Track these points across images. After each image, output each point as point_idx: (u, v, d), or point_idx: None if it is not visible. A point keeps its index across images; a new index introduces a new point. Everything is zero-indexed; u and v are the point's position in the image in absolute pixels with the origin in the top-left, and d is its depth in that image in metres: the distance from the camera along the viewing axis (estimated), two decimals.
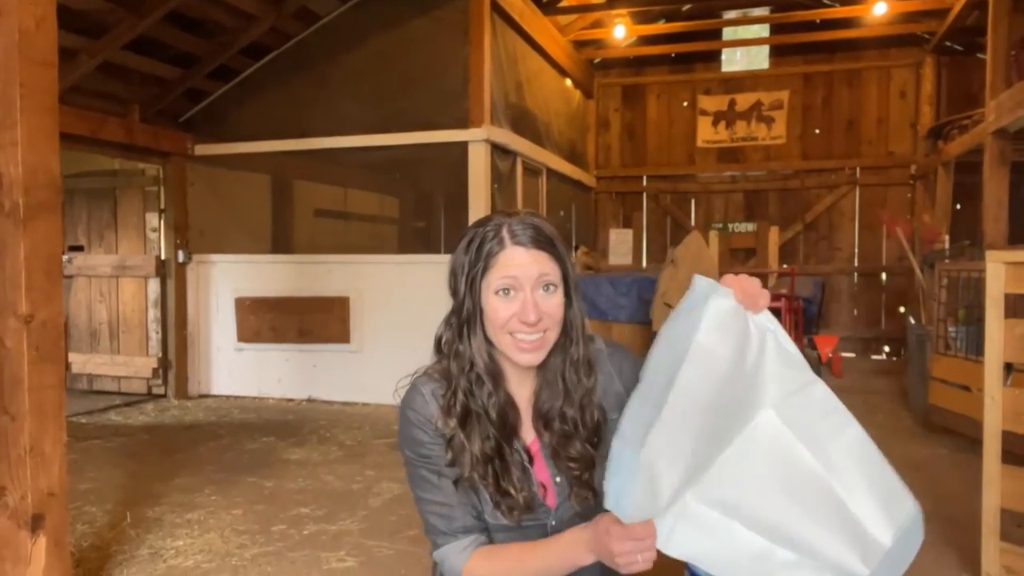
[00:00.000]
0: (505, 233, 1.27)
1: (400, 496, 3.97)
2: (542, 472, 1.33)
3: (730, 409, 1.13)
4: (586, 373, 1.33)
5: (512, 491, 1.27)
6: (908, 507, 1.16)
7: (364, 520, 3.63)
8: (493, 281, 1.25)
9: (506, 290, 1.25)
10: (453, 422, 1.29)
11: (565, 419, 1.32)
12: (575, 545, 1.20)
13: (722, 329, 1.14)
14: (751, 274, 1.22)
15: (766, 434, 1.12)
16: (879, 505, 1.14)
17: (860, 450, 1.17)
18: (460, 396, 1.30)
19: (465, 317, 1.29)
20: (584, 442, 1.31)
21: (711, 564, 1.15)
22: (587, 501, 1.30)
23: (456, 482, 1.29)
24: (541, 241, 1.27)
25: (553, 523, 1.32)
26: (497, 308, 1.25)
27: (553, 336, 1.29)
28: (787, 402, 1.13)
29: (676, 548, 1.14)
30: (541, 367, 1.32)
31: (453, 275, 1.32)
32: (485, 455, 1.27)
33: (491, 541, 1.32)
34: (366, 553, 3.23)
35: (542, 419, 1.33)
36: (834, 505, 1.13)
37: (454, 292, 1.32)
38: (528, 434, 1.35)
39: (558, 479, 1.32)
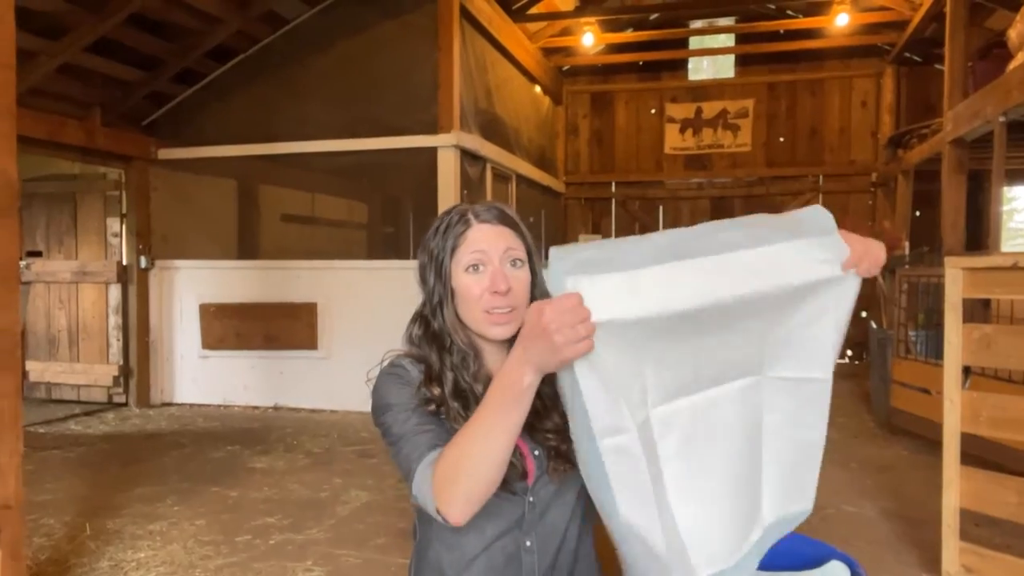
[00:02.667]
0: (470, 214, 1.31)
1: (369, 504, 3.93)
2: (521, 446, 1.32)
3: (740, 342, 1.11)
4: None
5: None
6: (802, 505, 1.22)
7: (331, 529, 3.58)
8: (462, 258, 1.28)
9: (475, 266, 1.28)
10: (438, 390, 1.29)
11: (539, 394, 1.31)
12: (504, 370, 1.08)
13: (813, 291, 1.12)
14: None
15: (741, 398, 1.13)
16: (782, 494, 1.20)
17: (806, 453, 1.20)
18: (449, 373, 1.30)
19: (437, 300, 1.31)
20: (560, 415, 1.29)
21: (618, 479, 1.07)
22: (564, 473, 1.29)
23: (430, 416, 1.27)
24: (505, 219, 1.32)
25: (531, 499, 1.30)
26: (469, 285, 1.28)
27: (521, 313, 1.28)
28: (781, 384, 1.15)
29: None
30: (512, 343, 1.32)
31: (422, 266, 1.34)
32: None
33: None
34: (333, 562, 3.19)
35: None
36: (750, 485, 1.17)
37: (424, 281, 1.34)
38: None
39: (536, 452, 1.31)
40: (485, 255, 1.28)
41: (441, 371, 1.31)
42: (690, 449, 1.09)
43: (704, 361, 1.08)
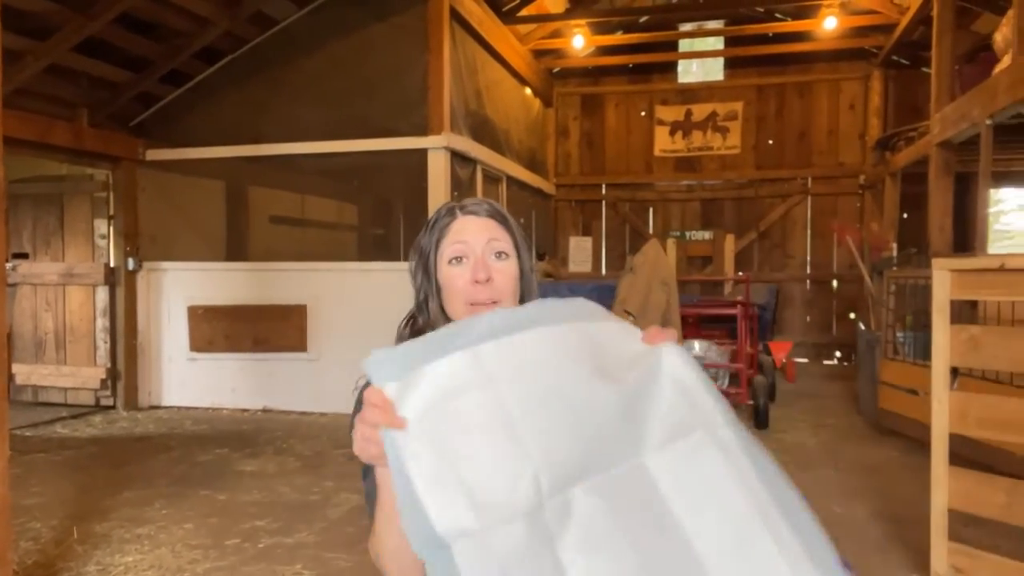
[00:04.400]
0: (457, 208, 1.32)
1: (360, 507, 3.91)
2: None
3: (609, 419, 0.96)
4: None
5: None
6: None
7: (322, 532, 3.57)
8: (446, 250, 1.28)
9: (458, 258, 1.27)
10: None
11: None
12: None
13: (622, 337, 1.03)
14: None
15: (634, 484, 0.95)
16: None
17: (742, 530, 0.93)
18: None
19: (423, 296, 1.31)
20: None
21: None
22: None
23: None
24: (492, 213, 1.32)
25: None
26: (452, 277, 1.27)
27: (508, 306, 1.28)
28: (663, 454, 0.97)
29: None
30: None
31: (412, 263, 1.34)
32: None
33: None
34: (324, 566, 3.17)
35: None
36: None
37: (413, 277, 1.34)
38: None
39: None
40: (467, 246, 1.27)
41: None
42: (595, 544, 0.92)
43: (586, 446, 0.94)
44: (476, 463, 0.89)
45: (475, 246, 1.27)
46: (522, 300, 1.31)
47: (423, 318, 1.32)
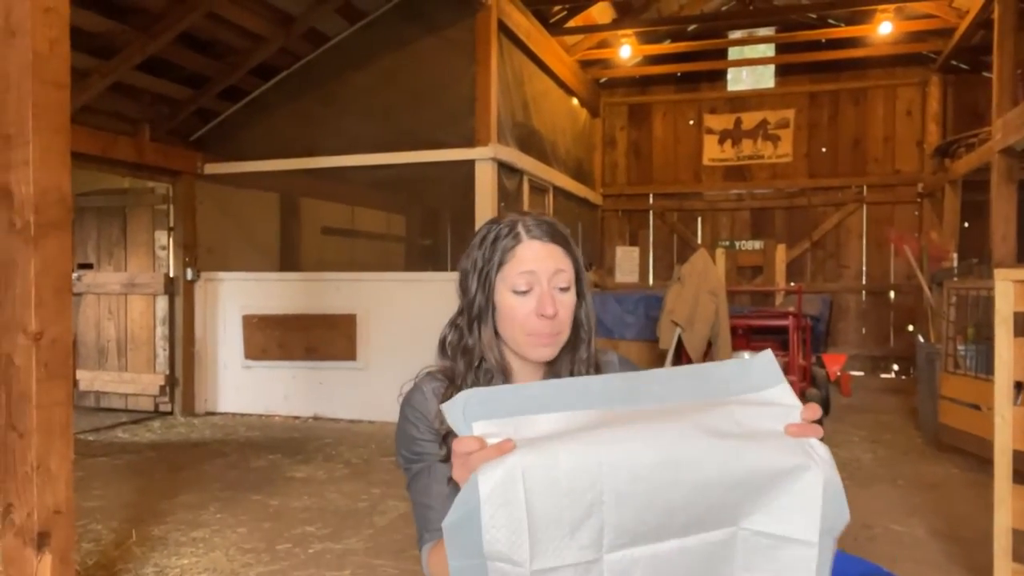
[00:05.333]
0: (520, 228, 1.26)
1: (406, 514, 3.95)
2: None
3: (716, 487, 0.95)
4: (594, 373, 1.33)
5: None
6: None
7: (370, 539, 3.61)
8: (510, 276, 1.24)
9: (524, 289, 1.24)
10: (431, 444, 1.27)
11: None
12: None
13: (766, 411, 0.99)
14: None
15: (712, 552, 0.96)
16: None
17: None
18: None
19: (476, 312, 1.28)
20: None
21: None
22: None
23: (449, 480, 1.21)
24: (556, 236, 1.27)
25: None
26: (514, 306, 1.24)
27: (564, 337, 1.28)
28: (756, 540, 0.98)
29: None
30: (550, 365, 1.31)
31: (464, 273, 1.30)
32: None
33: None
34: (371, 572, 3.21)
35: None
36: None
37: (464, 290, 1.30)
38: None
39: None
40: (534, 276, 1.23)
41: (460, 387, 1.28)
42: None
43: (674, 506, 0.93)
44: (544, 502, 0.89)
45: (542, 277, 1.24)
46: (576, 324, 1.30)
47: (472, 337, 1.29)
